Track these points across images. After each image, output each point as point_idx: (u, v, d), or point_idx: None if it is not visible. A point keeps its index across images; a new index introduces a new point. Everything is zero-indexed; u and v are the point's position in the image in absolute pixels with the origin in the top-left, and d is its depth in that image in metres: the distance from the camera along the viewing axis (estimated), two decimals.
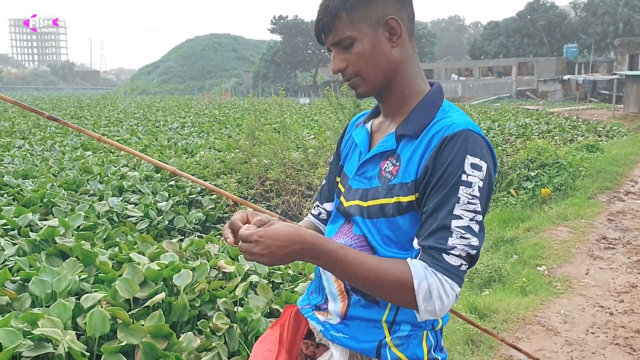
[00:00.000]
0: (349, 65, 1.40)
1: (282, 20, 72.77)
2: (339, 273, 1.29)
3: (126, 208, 6.53)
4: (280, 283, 4.25)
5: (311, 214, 1.74)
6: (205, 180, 8.10)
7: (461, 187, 1.25)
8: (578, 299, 4.57)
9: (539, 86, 48.14)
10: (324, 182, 1.73)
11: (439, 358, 1.43)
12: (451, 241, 1.24)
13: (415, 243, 1.31)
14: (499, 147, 12.05)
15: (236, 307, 3.59)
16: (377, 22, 1.37)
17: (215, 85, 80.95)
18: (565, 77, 46.79)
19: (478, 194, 1.26)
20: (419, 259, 1.27)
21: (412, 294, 1.23)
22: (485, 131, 16.80)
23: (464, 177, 1.25)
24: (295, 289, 3.97)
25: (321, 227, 1.69)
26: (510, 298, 4.56)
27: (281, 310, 3.79)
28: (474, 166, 1.26)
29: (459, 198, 1.25)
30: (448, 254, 1.24)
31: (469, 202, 1.25)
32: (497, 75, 54.04)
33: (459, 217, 1.24)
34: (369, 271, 1.25)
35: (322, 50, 74.03)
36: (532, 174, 9.07)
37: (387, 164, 1.40)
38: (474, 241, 1.24)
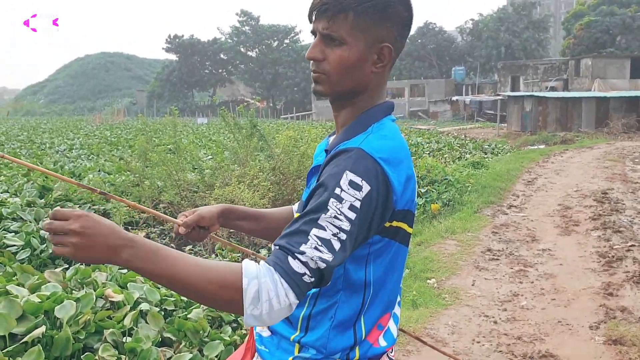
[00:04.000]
0: (325, 61, 1.35)
1: (177, 40, 71.76)
2: (157, 274, 1.16)
3: (5, 237, 6.11)
4: (173, 310, 4.12)
5: None
6: (94, 205, 7.77)
7: (332, 199, 1.20)
8: (465, 310, 4.77)
9: (430, 107, 50.40)
10: None
11: None
12: (304, 247, 1.17)
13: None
14: None
15: (125, 338, 3.44)
16: (373, 41, 1.33)
17: (108, 105, 78.21)
18: (454, 98, 49.24)
19: (348, 213, 1.19)
20: (266, 259, 1.20)
21: (240, 294, 1.13)
22: None
23: (337, 191, 1.20)
24: (188, 316, 3.86)
25: None
26: (402, 312, 4.68)
27: (173, 339, 3.68)
28: (352, 184, 1.20)
29: (328, 210, 1.19)
30: (295, 257, 1.16)
31: (336, 217, 1.19)
32: (391, 97, 55.97)
33: (322, 228, 1.18)
34: (192, 269, 1.15)
35: (220, 70, 73.66)
36: (423, 190, 9.45)
37: (315, 178, 1.38)
38: (328, 256, 1.17)
